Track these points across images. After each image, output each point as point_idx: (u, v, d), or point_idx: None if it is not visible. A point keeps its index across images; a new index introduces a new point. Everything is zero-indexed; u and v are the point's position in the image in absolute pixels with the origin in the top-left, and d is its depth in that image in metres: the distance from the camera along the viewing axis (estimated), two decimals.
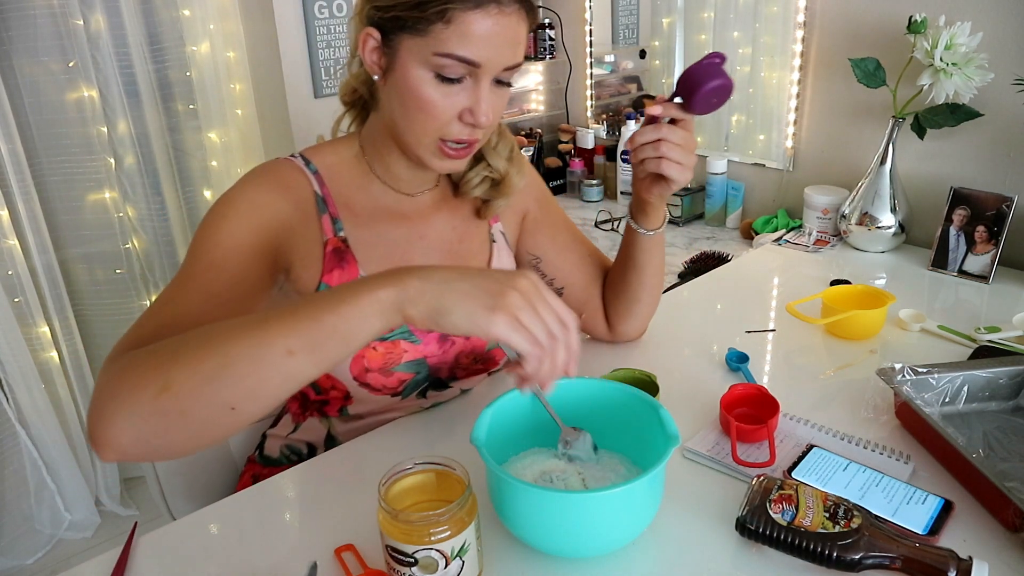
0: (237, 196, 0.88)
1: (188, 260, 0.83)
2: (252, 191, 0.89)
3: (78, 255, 2.02)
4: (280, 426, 1.09)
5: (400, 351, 0.98)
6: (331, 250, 0.94)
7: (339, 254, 0.95)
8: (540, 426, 0.88)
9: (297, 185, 0.93)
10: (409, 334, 0.98)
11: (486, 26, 0.81)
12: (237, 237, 0.84)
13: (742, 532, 0.77)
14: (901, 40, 1.50)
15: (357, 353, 0.94)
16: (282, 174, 0.93)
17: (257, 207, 0.88)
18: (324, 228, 0.94)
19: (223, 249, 0.83)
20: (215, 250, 0.83)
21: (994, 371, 1.00)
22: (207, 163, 2.15)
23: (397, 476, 0.75)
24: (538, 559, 0.79)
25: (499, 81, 0.87)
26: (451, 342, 1.02)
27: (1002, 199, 1.41)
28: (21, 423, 1.91)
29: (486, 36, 0.82)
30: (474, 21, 0.81)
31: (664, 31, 2.17)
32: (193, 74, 2.06)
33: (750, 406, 0.99)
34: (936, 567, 0.70)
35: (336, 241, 0.95)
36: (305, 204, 0.93)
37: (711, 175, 1.96)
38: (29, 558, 1.99)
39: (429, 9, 0.80)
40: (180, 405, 0.63)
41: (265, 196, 0.89)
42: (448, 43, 0.81)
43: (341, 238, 0.95)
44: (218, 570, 0.80)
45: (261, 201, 0.88)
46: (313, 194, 0.94)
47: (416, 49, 0.83)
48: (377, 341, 0.95)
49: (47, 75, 1.85)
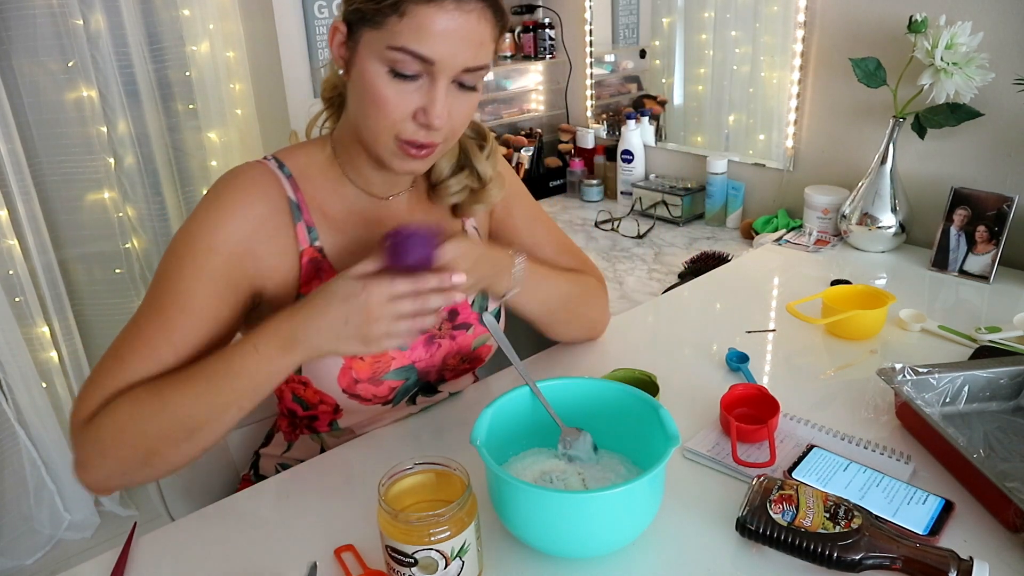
0: (196, 236, 0.86)
1: (148, 302, 0.86)
2: (209, 230, 0.86)
3: (77, 255, 2.02)
4: (273, 445, 1.08)
5: (388, 358, 0.96)
6: (307, 260, 0.92)
7: (316, 264, 0.92)
8: (540, 426, 0.88)
9: (269, 193, 0.90)
10: None
11: (442, 22, 0.79)
12: (195, 286, 0.85)
13: (742, 532, 0.77)
14: (902, 40, 1.50)
15: (344, 365, 0.93)
16: (251, 185, 0.89)
17: (214, 249, 0.85)
18: (299, 237, 0.91)
19: (184, 298, 0.85)
20: (177, 299, 0.85)
21: (995, 371, 1.00)
22: (207, 163, 2.15)
23: (397, 476, 0.75)
24: (538, 559, 0.79)
25: (462, 84, 0.84)
26: (437, 344, 1.01)
27: (1003, 199, 1.41)
28: (20, 423, 1.91)
29: (441, 32, 0.79)
30: (429, 15, 0.78)
31: (664, 31, 2.17)
32: (193, 74, 2.05)
33: (750, 406, 0.99)
34: (937, 567, 0.70)
35: (312, 251, 0.92)
36: (278, 212, 0.90)
37: (711, 175, 1.96)
38: (29, 558, 1.99)
39: (384, 1, 0.79)
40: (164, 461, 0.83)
41: (223, 232, 0.86)
42: (401, 36, 0.79)
43: (317, 247, 0.93)
44: (218, 570, 0.80)
45: (219, 240, 0.85)
46: (287, 200, 0.91)
47: (372, 42, 0.81)
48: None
49: (47, 75, 1.85)
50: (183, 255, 0.85)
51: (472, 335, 1.05)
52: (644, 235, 1.95)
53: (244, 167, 0.92)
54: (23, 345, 1.84)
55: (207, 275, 0.85)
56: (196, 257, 0.85)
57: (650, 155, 2.17)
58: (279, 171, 0.92)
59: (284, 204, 0.91)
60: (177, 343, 0.84)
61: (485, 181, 1.02)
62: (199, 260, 0.85)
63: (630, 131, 2.12)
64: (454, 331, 1.03)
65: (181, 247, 0.86)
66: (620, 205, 2.19)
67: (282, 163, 0.93)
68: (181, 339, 0.84)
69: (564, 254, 1.16)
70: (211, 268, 0.85)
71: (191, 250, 0.85)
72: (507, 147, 2.33)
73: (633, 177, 2.15)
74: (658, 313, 1.39)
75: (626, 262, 1.80)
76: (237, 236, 0.86)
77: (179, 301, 0.84)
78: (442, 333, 1.02)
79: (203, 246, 0.85)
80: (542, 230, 1.15)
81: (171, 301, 0.84)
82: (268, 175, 0.91)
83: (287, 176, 0.92)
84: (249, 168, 0.91)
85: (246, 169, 0.91)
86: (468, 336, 1.05)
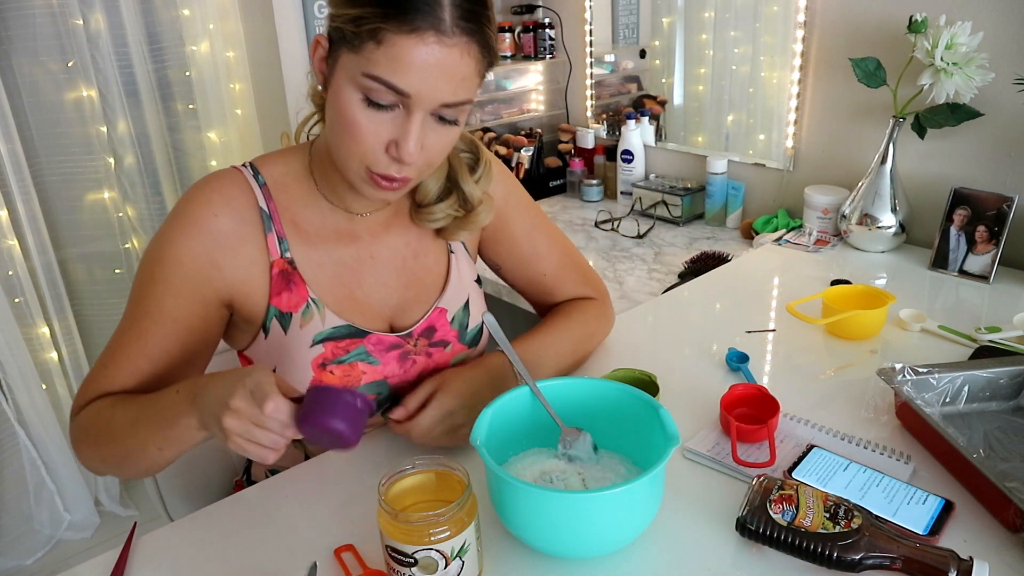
0: (163, 249, 0.87)
1: (127, 313, 0.89)
2: (174, 244, 0.86)
3: (77, 255, 2.02)
4: None
5: (358, 372, 0.95)
6: (277, 272, 0.91)
7: (286, 276, 0.91)
8: (540, 426, 0.88)
9: (234, 204, 0.88)
10: (367, 355, 0.95)
11: (420, 54, 0.74)
12: (164, 299, 0.87)
13: (742, 532, 0.77)
14: (902, 40, 1.50)
15: (314, 378, 0.92)
16: (216, 196, 0.88)
17: (179, 262, 0.86)
18: (270, 248, 0.90)
19: (155, 309, 0.87)
20: (150, 310, 0.87)
21: (995, 371, 1.00)
22: (207, 163, 2.15)
23: (397, 476, 0.75)
24: (538, 559, 0.79)
25: (441, 118, 0.80)
26: (411, 361, 0.99)
27: (1003, 199, 1.41)
28: (20, 423, 1.91)
29: (419, 65, 0.74)
30: (407, 47, 0.74)
31: (664, 31, 2.17)
32: (193, 74, 2.06)
33: (750, 406, 0.99)
34: (937, 567, 0.70)
35: (282, 263, 0.91)
36: (245, 223, 0.89)
37: (711, 175, 1.96)
38: (28, 558, 1.99)
39: (363, 25, 0.74)
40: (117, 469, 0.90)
41: (186, 246, 0.86)
42: (377, 65, 0.75)
43: (287, 259, 0.91)
44: (218, 570, 0.80)
45: (182, 253, 0.86)
46: (258, 210, 0.90)
47: (349, 66, 0.77)
48: (334, 364, 0.93)
49: (46, 75, 1.85)
50: (153, 268, 0.87)
51: (450, 353, 1.02)
52: (644, 235, 1.95)
53: (215, 176, 0.91)
54: (23, 345, 1.84)
55: (175, 288, 0.87)
56: (164, 269, 0.87)
57: (650, 155, 2.17)
58: (253, 179, 0.91)
59: (254, 214, 0.90)
60: (151, 353, 0.88)
61: (473, 205, 0.98)
62: (167, 272, 0.86)
63: (630, 131, 2.12)
64: (430, 348, 1.00)
65: (151, 260, 0.88)
66: (620, 205, 2.19)
67: (258, 171, 0.92)
68: (155, 349, 0.88)
69: (566, 268, 1.13)
70: (178, 281, 0.87)
71: (160, 263, 0.87)
72: (507, 147, 2.32)
73: (633, 177, 2.15)
74: (658, 313, 1.39)
75: (626, 262, 1.80)
76: (199, 249, 0.87)
77: (152, 312, 0.87)
78: (417, 349, 0.99)
79: (170, 258, 0.86)
80: (544, 241, 1.11)
81: (144, 312, 0.87)
82: (239, 184, 0.90)
83: (261, 185, 0.91)
84: (220, 177, 0.90)
85: (216, 178, 0.90)
86: (446, 354, 1.02)
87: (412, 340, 0.99)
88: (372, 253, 0.98)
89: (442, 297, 1.01)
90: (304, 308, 0.92)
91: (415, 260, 1.01)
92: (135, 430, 0.83)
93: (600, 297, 1.17)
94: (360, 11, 0.75)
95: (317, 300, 0.93)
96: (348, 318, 0.95)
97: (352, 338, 0.94)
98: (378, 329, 0.97)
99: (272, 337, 0.93)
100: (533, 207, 1.12)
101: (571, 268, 1.14)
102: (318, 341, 0.93)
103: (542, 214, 1.13)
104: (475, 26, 0.77)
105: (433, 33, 0.74)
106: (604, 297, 1.18)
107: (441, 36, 0.74)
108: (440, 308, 1.01)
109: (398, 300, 0.99)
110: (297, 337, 0.92)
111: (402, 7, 0.73)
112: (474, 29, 0.77)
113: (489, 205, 1.00)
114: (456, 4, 0.75)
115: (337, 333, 0.94)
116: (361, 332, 0.95)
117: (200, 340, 0.90)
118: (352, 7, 0.76)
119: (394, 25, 0.73)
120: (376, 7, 0.74)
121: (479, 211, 0.99)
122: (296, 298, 0.92)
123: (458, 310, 1.03)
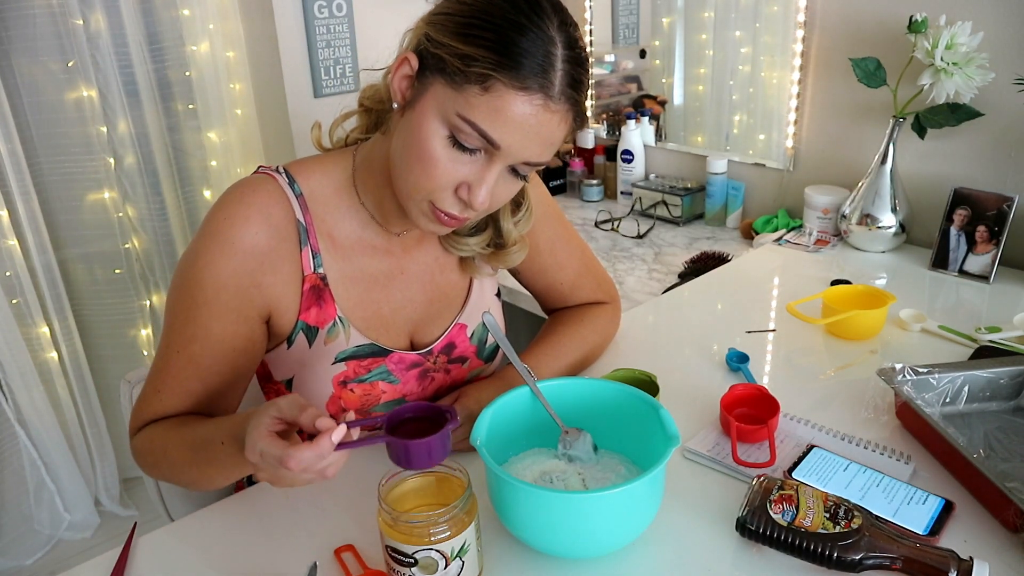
0: (204, 273, 0.84)
1: (172, 337, 0.87)
2: (216, 267, 0.84)
3: (77, 255, 2.02)
4: None
5: (378, 392, 0.95)
6: (309, 287, 0.90)
7: (317, 292, 0.91)
8: (540, 426, 0.88)
9: (273, 218, 0.86)
10: (387, 374, 0.95)
11: (524, 113, 0.73)
12: (211, 323, 0.86)
13: (742, 532, 0.77)
14: (902, 40, 1.50)
15: (333, 395, 0.93)
16: (255, 212, 0.85)
17: (223, 286, 0.84)
18: (303, 263, 0.89)
19: (203, 332, 0.86)
20: (197, 333, 0.86)
21: (995, 371, 1.00)
22: (207, 163, 2.14)
23: (397, 479, 0.75)
24: (538, 559, 0.79)
25: (516, 171, 0.80)
26: (431, 378, 0.99)
27: (1003, 199, 1.41)
28: (20, 423, 1.90)
29: (520, 123, 0.74)
30: (513, 102, 0.73)
31: (664, 31, 2.16)
32: (193, 74, 2.05)
33: (750, 406, 0.99)
34: (937, 567, 0.70)
35: (314, 278, 0.90)
36: (283, 239, 0.87)
37: (711, 175, 1.96)
38: (28, 558, 1.99)
39: (473, 67, 0.72)
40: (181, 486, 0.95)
41: (229, 268, 0.84)
42: (476, 111, 0.73)
43: (320, 275, 0.90)
44: (218, 570, 0.80)
45: (225, 276, 0.84)
46: (295, 223, 0.88)
47: (443, 99, 0.75)
48: (355, 383, 0.93)
49: (46, 75, 1.85)
50: (194, 291, 0.85)
51: (467, 368, 1.03)
52: (644, 235, 1.95)
53: (251, 187, 0.87)
54: (23, 345, 1.84)
55: (219, 312, 0.85)
56: (206, 293, 0.85)
57: (650, 155, 2.17)
58: (289, 189, 0.88)
59: (291, 229, 0.88)
60: (203, 376, 0.87)
61: (506, 244, 0.97)
62: (209, 296, 0.85)
63: (630, 131, 2.12)
64: (449, 365, 1.01)
65: (191, 281, 0.85)
66: (620, 205, 2.19)
67: (293, 179, 0.89)
68: (205, 371, 0.87)
69: (583, 276, 1.14)
70: (222, 305, 0.85)
71: (201, 286, 0.85)
72: None
73: (633, 177, 2.15)
74: (658, 313, 1.39)
75: (626, 262, 1.80)
76: (242, 271, 0.85)
77: (199, 337, 0.86)
78: (436, 367, 1.00)
79: (212, 282, 0.84)
80: (565, 251, 1.11)
81: (191, 337, 0.86)
82: (275, 196, 0.87)
83: (297, 195, 0.89)
84: (255, 189, 0.87)
85: (252, 191, 0.87)
86: (463, 369, 1.03)
87: (432, 357, 0.99)
88: (403, 268, 0.97)
89: (463, 312, 1.02)
90: (331, 326, 0.92)
91: (441, 274, 1.00)
92: (197, 467, 0.83)
93: (612, 302, 1.18)
94: (474, 51, 0.73)
95: (344, 319, 0.92)
96: (372, 336, 0.94)
97: (374, 357, 0.94)
98: (400, 346, 0.97)
99: (295, 348, 0.92)
100: (558, 216, 1.11)
101: (588, 276, 1.15)
102: (340, 359, 0.93)
103: (566, 222, 1.13)
104: (578, 96, 0.78)
105: (541, 96, 0.74)
106: (615, 301, 1.19)
107: (548, 100, 0.74)
108: (460, 324, 1.01)
109: (421, 315, 0.99)
110: (320, 352, 0.92)
111: (518, 61, 0.72)
112: (577, 100, 0.78)
113: (523, 246, 0.99)
114: (567, 72, 0.75)
115: (360, 352, 0.94)
116: (384, 351, 0.95)
117: (248, 356, 0.90)
118: (464, 44, 0.73)
119: (506, 77, 0.72)
120: (492, 53, 0.72)
121: (511, 251, 0.98)
122: (324, 315, 0.91)
123: (478, 326, 1.03)
